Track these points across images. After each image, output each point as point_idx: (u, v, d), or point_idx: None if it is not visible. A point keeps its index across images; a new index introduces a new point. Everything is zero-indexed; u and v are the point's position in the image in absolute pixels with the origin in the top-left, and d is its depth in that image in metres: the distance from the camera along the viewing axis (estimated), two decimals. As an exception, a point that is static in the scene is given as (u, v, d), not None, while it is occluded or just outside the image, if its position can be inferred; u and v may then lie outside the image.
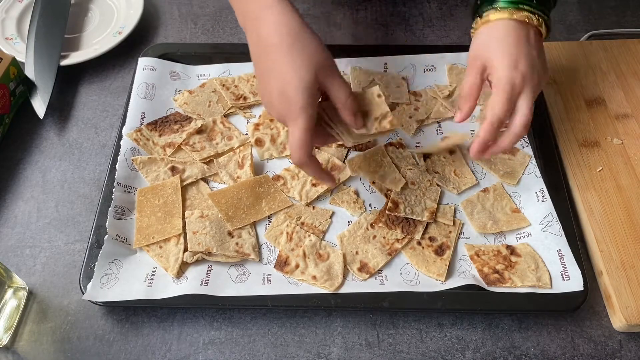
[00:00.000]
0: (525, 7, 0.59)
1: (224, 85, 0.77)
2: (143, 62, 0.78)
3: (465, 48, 0.80)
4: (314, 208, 0.67)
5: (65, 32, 0.84)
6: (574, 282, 0.60)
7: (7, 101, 0.74)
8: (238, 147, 0.72)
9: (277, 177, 0.70)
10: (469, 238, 0.66)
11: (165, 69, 0.78)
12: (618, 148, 0.71)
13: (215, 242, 0.63)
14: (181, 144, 0.71)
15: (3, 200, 0.70)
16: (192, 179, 0.68)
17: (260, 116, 0.75)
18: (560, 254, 0.62)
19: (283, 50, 0.54)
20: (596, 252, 0.63)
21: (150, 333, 0.60)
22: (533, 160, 0.71)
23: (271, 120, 0.74)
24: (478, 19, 0.62)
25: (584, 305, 0.59)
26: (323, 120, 0.60)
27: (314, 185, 0.68)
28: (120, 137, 0.71)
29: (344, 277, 0.61)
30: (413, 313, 0.61)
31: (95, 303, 0.59)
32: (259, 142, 0.72)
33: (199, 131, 0.72)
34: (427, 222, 0.66)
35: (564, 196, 0.67)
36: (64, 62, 0.81)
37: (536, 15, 0.59)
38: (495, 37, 0.59)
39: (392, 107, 0.76)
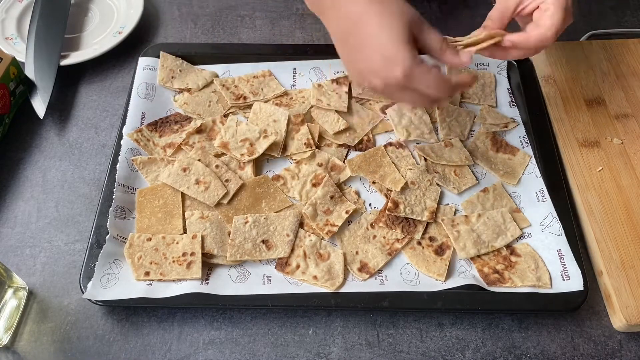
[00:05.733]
0: None
1: (224, 85, 0.77)
2: (143, 62, 0.78)
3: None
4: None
5: (65, 32, 0.84)
6: (574, 282, 0.60)
7: (7, 101, 0.74)
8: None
9: (277, 177, 0.70)
10: (469, 238, 0.66)
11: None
12: (618, 148, 0.71)
13: (216, 244, 0.63)
14: (181, 144, 0.71)
15: (3, 200, 0.70)
16: (192, 179, 0.68)
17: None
18: (560, 254, 0.62)
19: (373, 19, 0.53)
20: (596, 252, 0.63)
21: (150, 333, 0.60)
22: (533, 160, 0.71)
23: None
24: None
25: (584, 305, 0.59)
26: None
27: (314, 185, 0.68)
28: (120, 137, 0.71)
29: (345, 277, 0.61)
30: (413, 313, 0.61)
31: (95, 302, 0.59)
32: None
33: (199, 131, 0.72)
34: (427, 222, 0.66)
35: (564, 196, 0.67)
36: (64, 62, 0.81)
37: None
38: None
39: (391, 106, 0.76)
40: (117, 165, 0.68)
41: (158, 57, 0.79)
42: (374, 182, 0.69)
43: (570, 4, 0.58)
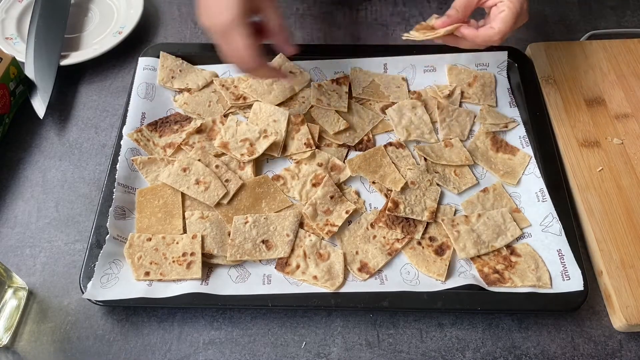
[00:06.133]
0: None
1: (223, 85, 0.77)
2: (143, 62, 0.78)
3: (464, 49, 0.81)
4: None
5: (65, 32, 0.84)
6: (574, 282, 0.60)
7: (7, 101, 0.74)
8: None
9: (277, 177, 0.70)
10: (469, 238, 0.66)
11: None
12: (618, 148, 0.71)
13: (216, 244, 0.63)
14: (181, 144, 0.71)
15: (3, 200, 0.70)
16: (192, 179, 0.68)
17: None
18: (560, 254, 0.62)
19: None
20: (596, 252, 0.63)
21: (150, 333, 0.60)
22: (533, 160, 0.71)
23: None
24: None
25: (584, 305, 0.59)
26: None
27: (314, 185, 0.68)
28: (120, 137, 0.71)
29: (345, 277, 0.61)
30: (413, 313, 0.61)
31: (95, 302, 0.59)
32: None
33: (199, 131, 0.72)
34: (427, 222, 0.66)
35: (564, 196, 0.67)
36: (64, 62, 0.81)
37: None
38: None
39: (391, 106, 0.76)
40: (117, 165, 0.68)
41: (158, 57, 0.79)
42: (374, 182, 0.69)
43: (526, 7, 0.62)
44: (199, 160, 0.68)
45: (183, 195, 0.67)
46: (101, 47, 0.83)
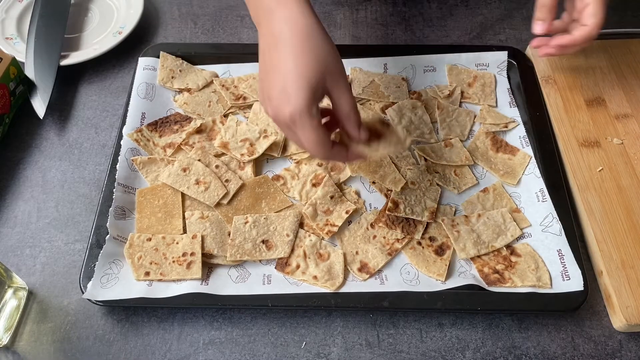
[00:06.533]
0: None
1: (223, 85, 0.77)
2: (143, 62, 0.78)
3: (465, 48, 0.81)
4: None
5: (65, 32, 0.84)
6: (574, 282, 0.60)
7: (7, 101, 0.74)
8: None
9: (277, 177, 0.70)
10: (469, 238, 0.66)
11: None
12: (618, 148, 0.71)
13: (216, 244, 0.63)
14: (181, 144, 0.71)
15: (3, 200, 0.70)
16: (192, 179, 0.68)
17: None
18: (560, 254, 0.62)
19: (292, 46, 0.51)
20: (596, 252, 0.63)
21: (150, 333, 0.60)
22: (533, 160, 0.71)
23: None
24: None
25: (584, 305, 0.59)
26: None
27: (314, 185, 0.68)
28: (120, 137, 0.71)
29: (345, 277, 0.61)
30: (413, 313, 0.61)
31: (95, 302, 0.59)
32: None
33: (199, 131, 0.72)
34: (427, 222, 0.66)
35: (564, 196, 0.67)
36: (64, 62, 0.81)
37: None
38: None
39: (391, 106, 0.76)
40: (117, 165, 0.68)
41: (158, 57, 0.79)
42: (374, 182, 0.69)
43: None
44: (199, 160, 0.68)
45: (183, 195, 0.67)
46: (101, 47, 0.83)
